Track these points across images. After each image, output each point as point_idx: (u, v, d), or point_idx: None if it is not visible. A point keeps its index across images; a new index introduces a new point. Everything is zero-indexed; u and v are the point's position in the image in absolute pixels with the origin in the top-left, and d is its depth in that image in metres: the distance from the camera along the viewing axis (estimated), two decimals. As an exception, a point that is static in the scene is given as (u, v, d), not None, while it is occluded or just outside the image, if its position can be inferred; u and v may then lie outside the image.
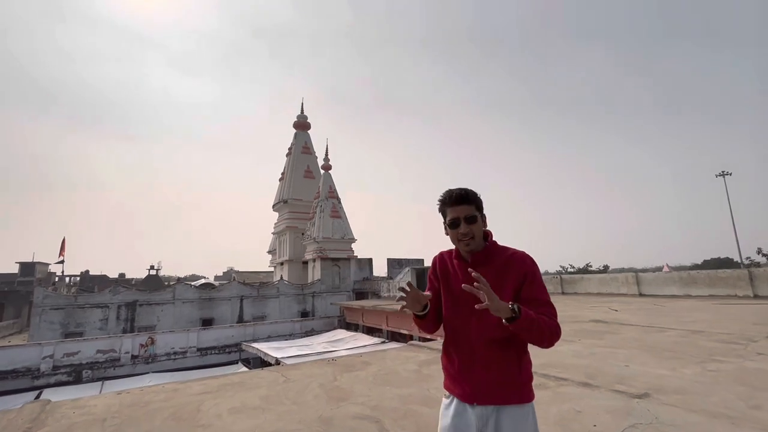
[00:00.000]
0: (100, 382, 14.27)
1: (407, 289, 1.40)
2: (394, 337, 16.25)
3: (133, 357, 16.54)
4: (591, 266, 40.91)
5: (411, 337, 14.75)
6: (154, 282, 34.32)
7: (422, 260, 32.00)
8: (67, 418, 3.21)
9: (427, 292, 1.50)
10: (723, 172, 33.16)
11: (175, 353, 17.42)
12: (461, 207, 1.43)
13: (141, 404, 3.52)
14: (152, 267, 36.33)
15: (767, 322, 6.82)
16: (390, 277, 30.13)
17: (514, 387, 1.34)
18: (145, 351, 16.66)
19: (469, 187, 1.49)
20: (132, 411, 3.34)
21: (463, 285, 1.30)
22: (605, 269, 40.33)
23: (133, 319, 20.57)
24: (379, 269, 32.15)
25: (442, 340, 1.55)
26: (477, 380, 1.36)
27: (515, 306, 1.25)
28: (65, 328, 18.80)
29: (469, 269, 1.33)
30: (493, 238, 1.53)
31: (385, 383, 3.92)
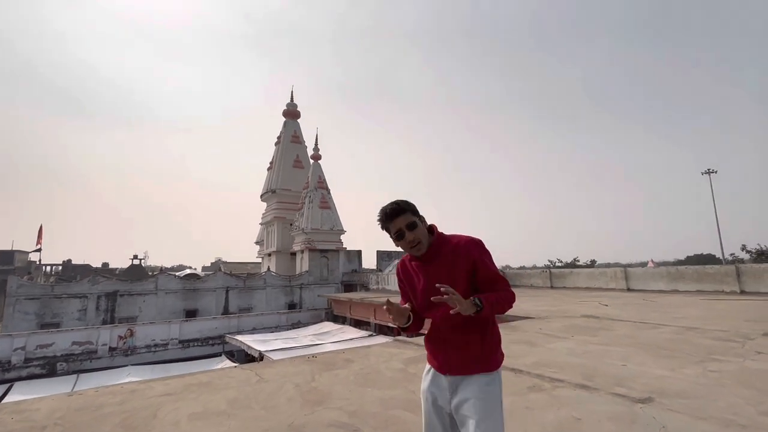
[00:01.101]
0: (75, 376, 13.74)
1: (390, 307, 1.57)
2: (382, 330, 16.03)
3: (111, 349, 16.00)
4: (578, 261, 41.28)
5: (399, 331, 14.54)
6: (136, 272, 33.47)
7: (412, 253, 31.73)
8: (3, 425, 2.82)
9: (404, 304, 1.72)
10: (709, 170, 33.55)
11: (155, 345, 16.93)
12: (399, 219, 1.57)
13: (91, 408, 3.14)
14: (135, 257, 35.40)
15: (759, 318, 6.70)
16: (379, 269, 29.87)
17: (477, 361, 1.55)
18: (124, 343, 16.13)
19: (403, 199, 1.63)
20: (79, 416, 2.96)
21: (432, 298, 1.46)
22: (592, 264, 40.73)
23: (114, 309, 19.94)
24: (369, 261, 31.88)
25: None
26: (447, 357, 1.58)
27: (477, 300, 1.45)
28: (41, 319, 18.11)
29: (437, 285, 1.45)
30: (439, 230, 1.66)
31: (367, 384, 3.61)
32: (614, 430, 2.45)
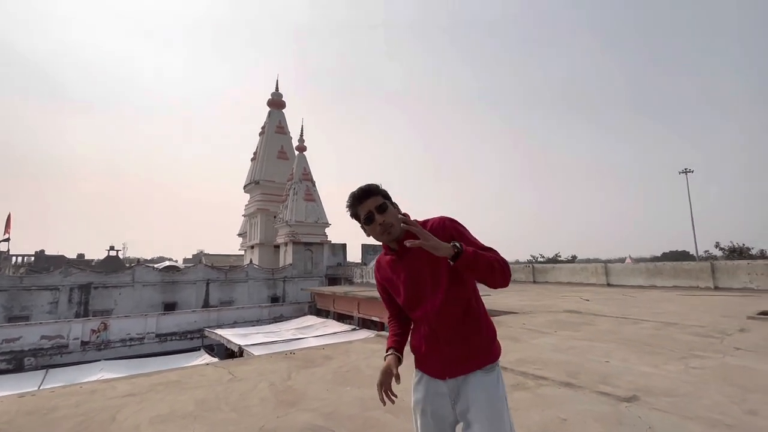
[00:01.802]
0: (44, 371, 13.16)
1: (390, 390, 1.40)
2: (365, 324, 15.92)
3: (84, 343, 15.41)
4: (560, 256, 42.05)
5: (382, 326, 14.44)
6: (113, 264, 32.37)
7: (397, 247, 31.67)
8: (-61, 431, 2.55)
9: (389, 312, 1.63)
10: (686, 169, 34.52)
11: (131, 339, 16.40)
12: (368, 201, 1.42)
13: (44, 411, 2.88)
14: (111, 248, 34.15)
15: (734, 314, 6.84)
16: (364, 263, 29.71)
17: (478, 354, 1.40)
18: (97, 337, 15.56)
19: (372, 183, 1.46)
20: (28, 421, 2.71)
21: (407, 242, 1.28)
22: (573, 259, 41.56)
23: (87, 302, 19.20)
24: (354, 255, 31.66)
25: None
26: (444, 357, 1.41)
27: (455, 243, 1.28)
28: (8, 312, 17.28)
29: (405, 242, 1.29)
30: (411, 218, 1.45)
31: (345, 383, 3.45)
32: (601, 431, 2.36)
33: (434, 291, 1.40)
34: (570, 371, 3.59)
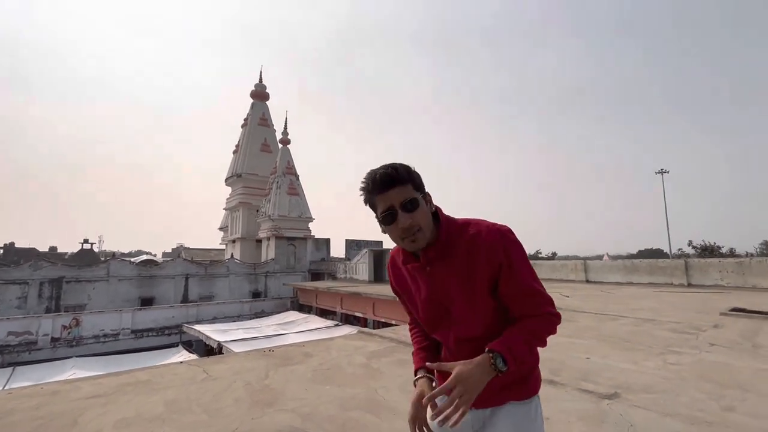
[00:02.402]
0: (10, 369, 12.57)
1: (426, 426, 1.08)
2: (348, 319, 15.82)
3: (54, 340, 14.79)
4: (541, 253, 42.87)
5: (365, 322, 14.36)
6: (87, 257, 31.24)
7: (381, 242, 31.65)
8: None
9: (409, 315, 1.31)
10: (662, 169, 35.70)
11: (105, 335, 15.84)
12: (393, 191, 1.00)
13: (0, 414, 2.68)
14: (86, 241, 32.91)
15: (707, 310, 7.03)
16: (348, 258, 29.55)
17: (511, 387, 1.08)
18: (69, 333, 14.96)
19: (401, 163, 1.05)
20: (-21, 426, 2.51)
21: (427, 364, 1.08)
22: (553, 256, 42.45)
23: (59, 297, 18.45)
24: (337, 250, 31.47)
25: (397, 326, 1.16)
26: None
27: (498, 360, 0.95)
28: (-28, 307, 16.44)
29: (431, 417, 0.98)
30: (446, 215, 1.12)
31: (325, 381, 3.34)
32: (584, 430, 2.33)
33: (462, 317, 1.08)
34: (552, 368, 3.58)
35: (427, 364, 1.08)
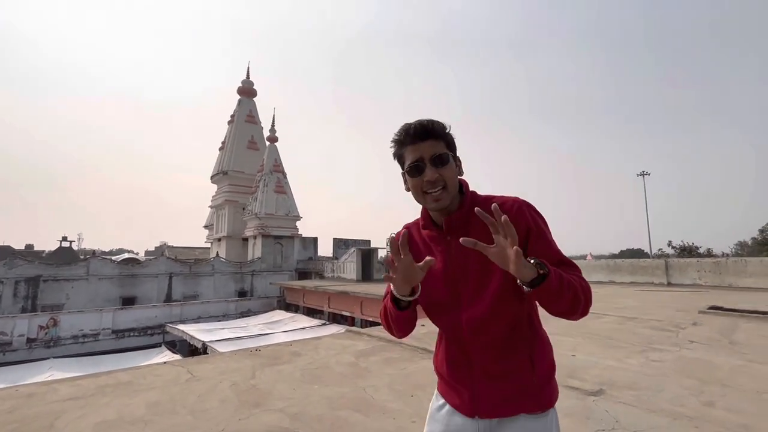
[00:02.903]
0: (-17, 370, 12.11)
1: (398, 255, 0.91)
2: (335, 318, 15.75)
3: (30, 340, 14.32)
4: (526, 252, 43.37)
5: (353, 320, 14.32)
6: (66, 255, 30.26)
7: (369, 241, 31.63)
8: None
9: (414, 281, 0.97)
10: (643, 172, 36.57)
11: (84, 336, 15.41)
12: (425, 144, 0.97)
13: (-31, 419, 2.56)
14: (64, 238, 31.89)
15: (686, 308, 7.23)
16: (335, 257, 29.43)
17: (526, 394, 0.98)
18: (46, 334, 14.50)
19: (438, 120, 1.01)
20: (-52, 431, 2.39)
21: (462, 239, 0.86)
22: (539, 256, 43.02)
23: (36, 296, 17.87)
24: (325, 249, 31.30)
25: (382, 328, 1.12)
26: (476, 390, 1.00)
27: (539, 260, 0.85)
28: (-57, 307, 15.79)
29: (460, 239, 0.87)
30: (472, 190, 1.06)
31: (313, 380, 3.30)
32: (571, 427, 2.36)
33: (477, 295, 0.98)
34: (539, 366, 3.62)
35: (462, 239, 0.87)
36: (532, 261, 0.85)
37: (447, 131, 1.01)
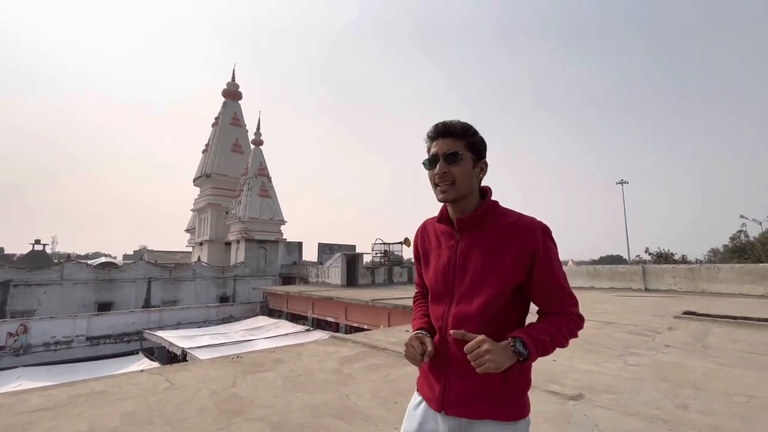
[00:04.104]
0: (-55, 380, 11.46)
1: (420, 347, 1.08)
2: (320, 324, 15.58)
3: (-2, 348, 13.68)
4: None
5: (337, 326, 14.20)
6: (38, 259, 29.10)
7: (354, 246, 31.54)
8: None
9: (418, 284, 1.33)
10: (622, 180, 37.88)
11: (56, 343, 14.80)
12: (442, 141, 1.08)
13: (-72, 433, 2.42)
14: (37, 242, 30.65)
15: (662, 313, 7.45)
16: (320, 262, 29.19)
17: (494, 400, 1.02)
18: (15, 341, 13.87)
19: (465, 122, 1.11)
20: None
21: (451, 332, 1.00)
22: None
23: (5, 302, 17.11)
24: (310, 254, 31.01)
25: (369, 331, 1.15)
26: (448, 385, 1.06)
27: (517, 342, 0.94)
28: None
29: (450, 331, 1.02)
30: (495, 200, 1.14)
31: (296, 388, 3.26)
32: (551, 431, 2.39)
33: (469, 294, 1.05)
34: (521, 371, 3.67)
35: (452, 331, 1.02)
36: (512, 346, 0.95)
37: (468, 132, 1.09)
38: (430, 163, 1.10)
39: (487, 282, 1.03)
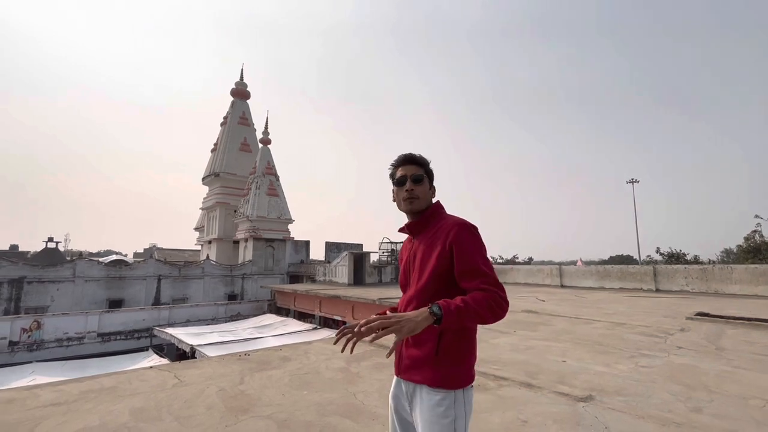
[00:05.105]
0: (-38, 375, 11.74)
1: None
2: (327, 323, 15.63)
3: (12, 344, 13.94)
4: (518, 258, 43.75)
5: (344, 324, 14.22)
6: (51, 256, 29.64)
7: (361, 245, 31.55)
8: None
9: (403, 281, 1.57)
10: (632, 179, 37.18)
11: (68, 339, 15.05)
12: (410, 166, 1.43)
13: (-56, 426, 2.47)
14: (50, 239, 31.21)
15: (674, 314, 7.33)
16: (328, 260, 29.27)
17: (427, 367, 1.23)
18: (29, 336, 14.14)
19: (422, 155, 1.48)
20: None
21: (373, 316, 1.16)
22: (530, 261, 43.40)
23: (19, 298, 17.44)
24: (317, 252, 31.11)
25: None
26: (402, 354, 1.34)
27: (434, 306, 1.13)
28: None
29: (386, 354, 1.22)
30: (439, 206, 1.47)
31: (303, 386, 3.26)
32: (560, 434, 2.36)
33: (417, 281, 1.35)
34: (529, 371, 3.63)
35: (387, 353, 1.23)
36: (429, 308, 1.12)
37: (426, 163, 1.46)
38: (399, 182, 1.42)
39: (424, 271, 1.32)
